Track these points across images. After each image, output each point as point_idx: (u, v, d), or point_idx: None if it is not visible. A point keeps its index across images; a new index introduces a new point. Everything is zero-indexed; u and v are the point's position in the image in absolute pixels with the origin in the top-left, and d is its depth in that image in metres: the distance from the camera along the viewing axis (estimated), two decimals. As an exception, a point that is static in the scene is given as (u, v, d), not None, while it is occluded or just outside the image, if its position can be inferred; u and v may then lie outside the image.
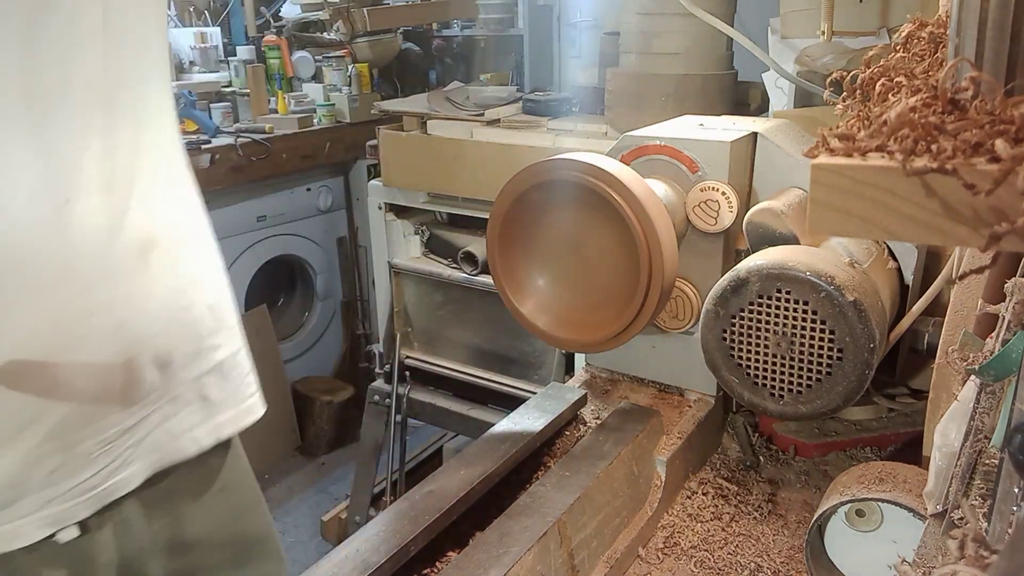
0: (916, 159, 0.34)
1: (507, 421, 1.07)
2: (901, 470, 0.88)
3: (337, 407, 3.37)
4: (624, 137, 1.13)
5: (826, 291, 0.85)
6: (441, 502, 0.87)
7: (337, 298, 3.58)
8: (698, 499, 1.09)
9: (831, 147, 0.38)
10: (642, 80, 2.01)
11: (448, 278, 2.53)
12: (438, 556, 0.89)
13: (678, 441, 1.08)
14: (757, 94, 2.24)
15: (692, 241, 1.11)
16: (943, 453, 0.74)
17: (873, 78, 0.52)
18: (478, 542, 0.83)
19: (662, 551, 1.00)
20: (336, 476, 3.25)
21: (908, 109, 0.37)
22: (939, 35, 0.59)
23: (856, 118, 0.46)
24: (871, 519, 0.88)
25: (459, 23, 3.90)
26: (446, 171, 2.41)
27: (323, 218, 3.41)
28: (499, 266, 1.05)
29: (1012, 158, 0.32)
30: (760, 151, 1.10)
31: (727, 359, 0.94)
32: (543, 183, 0.99)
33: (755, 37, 1.60)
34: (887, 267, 1.04)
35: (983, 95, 0.37)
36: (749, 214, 1.03)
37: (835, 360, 0.87)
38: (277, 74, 3.44)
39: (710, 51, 1.98)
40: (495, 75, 3.09)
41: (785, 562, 0.98)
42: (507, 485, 1.02)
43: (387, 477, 2.64)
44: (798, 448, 1.20)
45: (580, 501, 0.91)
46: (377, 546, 0.80)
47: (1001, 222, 0.32)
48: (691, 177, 1.08)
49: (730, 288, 0.91)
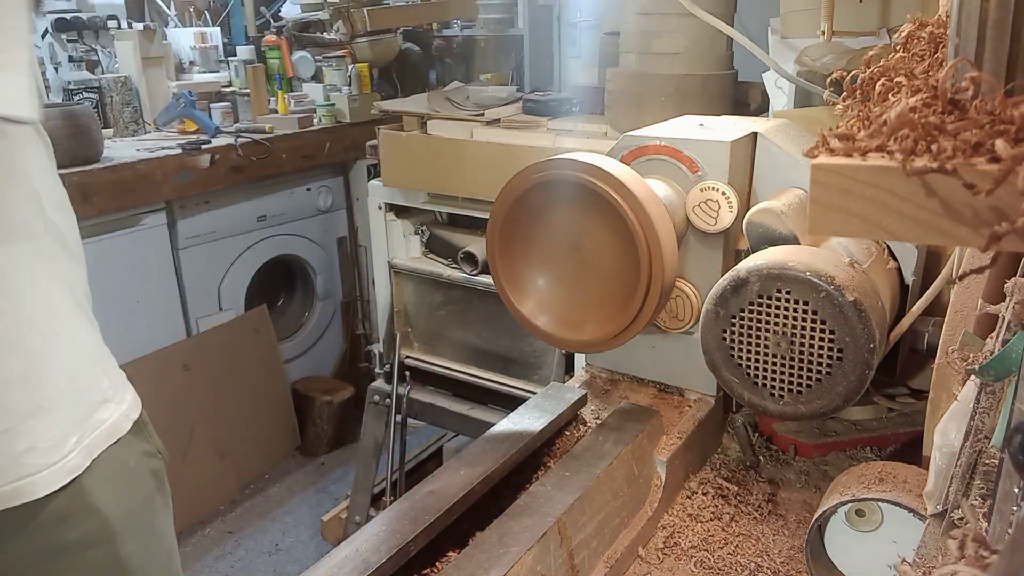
0: (916, 159, 0.34)
1: (507, 421, 1.07)
2: (901, 470, 0.88)
3: (337, 407, 3.37)
4: (624, 137, 1.13)
5: (826, 291, 0.85)
6: (441, 502, 0.87)
7: (337, 298, 3.58)
8: (698, 499, 1.09)
9: (831, 147, 0.38)
10: (642, 80, 2.01)
11: (448, 278, 2.53)
12: (438, 556, 0.89)
13: (678, 441, 1.08)
14: (757, 94, 2.23)
15: (692, 241, 1.11)
16: (943, 453, 0.74)
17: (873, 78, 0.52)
18: (478, 542, 0.83)
19: (662, 551, 1.00)
20: (336, 476, 3.25)
21: (908, 109, 0.37)
22: (939, 35, 0.59)
23: (856, 118, 0.46)
24: (871, 519, 0.88)
25: (459, 23, 3.89)
26: (446, 171, 2.41)
27: (323, 218, 3.41)
28: (499, 266, 1.05)
29: (1012, 158, 0.32)
30: (760, 151, 1.10)
31: (727, 359, 0.94)
32: (543, 183, 0.99)
33: (755, 37, 1.60)
34: (887, 267, 1.04)
35: (983, 95, 0.37)
36: (749, 214, 1.03)
37: (835, 360, 0.87)
38: (277, 74, 3.44)
39: (710, 51, 1.98)
40: (495, 75, 3.09)
41: (785, 562, 0.98)
42: (507, 485, 1.02)
43: (387, 477, 2.64)
44: (798, 448, 1.20)
45: (580, 501, 0.91)
46: (377, 546, 0.80)
47: (1001, 222, 0.32)
48: (691, 177, 1.08)
49: (730, 288, 0.91)
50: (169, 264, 2.83)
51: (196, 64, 3.42)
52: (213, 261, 3.00)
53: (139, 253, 2.71)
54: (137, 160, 2.61)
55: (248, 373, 3.10)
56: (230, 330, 3.04)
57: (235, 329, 3.07)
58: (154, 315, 2.79)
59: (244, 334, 3.10)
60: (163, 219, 2.77)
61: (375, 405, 2.64)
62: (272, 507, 3.05)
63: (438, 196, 2.53)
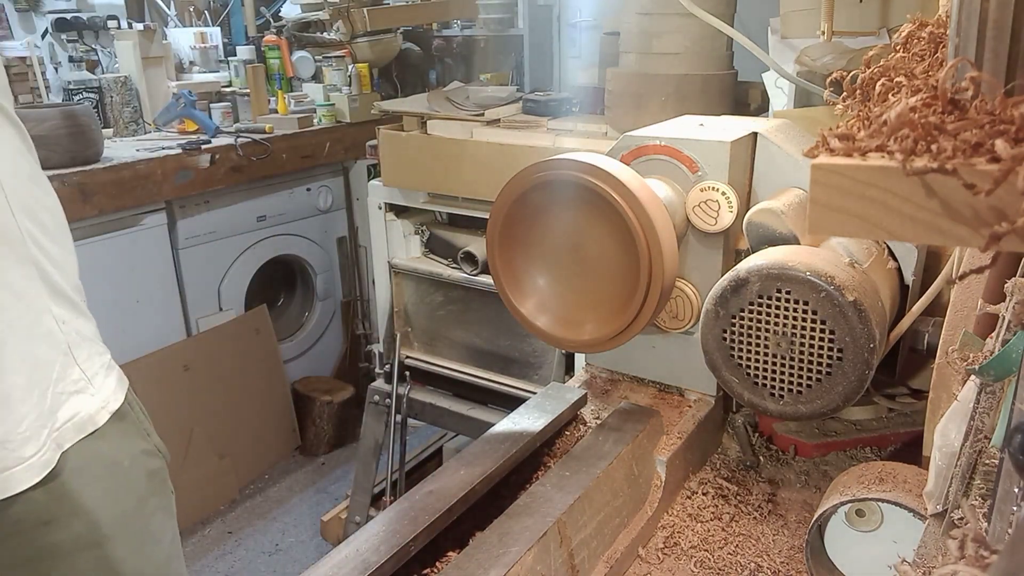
0: (916, 159, 0.34)
1: (507, 421, 1.07)
2: (901, 470, 0.88)
3: (337, 407, 3.37)
4: (624, 137, 1.13)
5: (826, 291, 0.85)
6: (441, 502, 0.87)
7: (337, 298, 3.58)
8: (698, 499, 1.09)
9: (831, 147, 0.38)
10: (642, 80, 2.01)
11: (448, 278, 2.53)
12: (438, 556, 0.89)
13: (678, 441, 1.08)
14: (757, 94, 2.24)
15: (692, 241, 1.11)
16: (943, 453, 0.74)
17: (873, 78, 0.52)
18: (478, 542, 0.83)
19: (662, 551, 1.00)
20: (336, 476, 3.25)
21: (908, 109, 0.37)
22: (939, 35, 0.59)
23: (856, 118, 0.46)
24: (871, 519, 0.88)
25: (459, 23, 3.89)
26: (446, 171, 2.41)
27: (323, 218, 3.41)
28: (499, 266, 1.05)
29: (1012, 158, 0.32)
30: (760, 151, 1.10)
31: (727, 359, 0.94)
32: (543, 183, 0.99)
33: (755, 37, 1.60)
34: (887, 267, 1.04)
35: (983, 95, 0.37)
36: (749, 214, 1.03)
37: (835, 360, 0.87)
38: (277, 74, 3.44)
39: (710, 51, 1.98)
40: (495, 75, 3.08)
41: (785, 562, 0.98)
42: (507, 485, 1.02)
43: (387, 477, 2.64)
44: (798, 448, 1.20)
45: (580, 501, 0.90)
46: (377, 546, 0.80)
47: (1001, 222, 0.32)
48: (691, 177, 1.07)
49: (730, 288, 0.91)
50: (169, 264, 2.83)
51: (196, 64, 3.42)
52: (213, 261, 3.00)
53: (139, 253, 2.71)
54: (137, 160, 2.61)
55: (248, 373, 3.10)
56: (230, 330, 3.04)
57: (235, 329, 3.07)
58: (154, 315, 2.79)
59: (244, 334, 3.10)
60: (163, 219, 2.77)
61: (375, 405, 2.64)
62: (272, 507, 3.05)
63: (438, 196, 2.53)
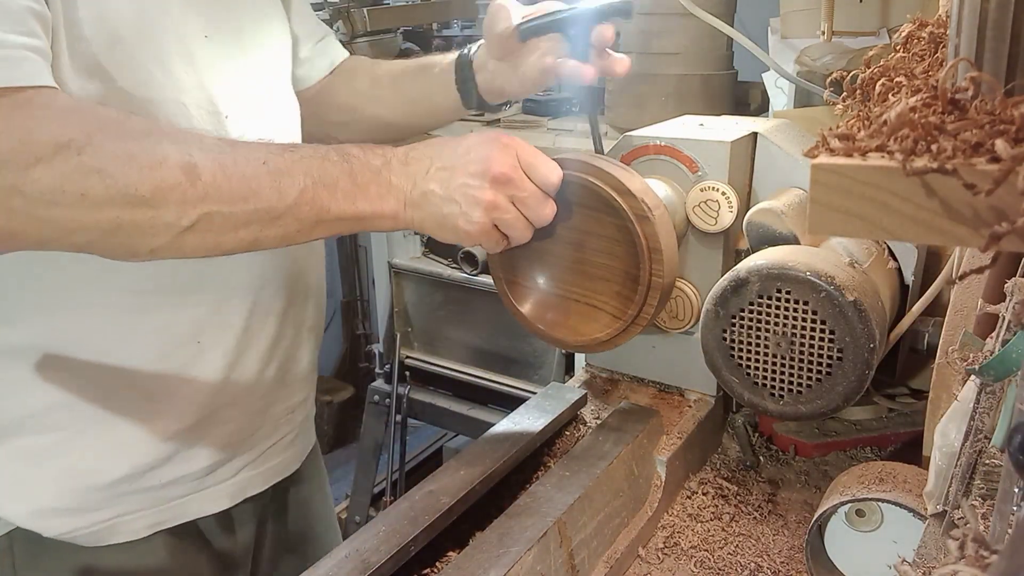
0: (916, 159, 0.34)
1: (507, 421, 1.07)
2: (901, 470, 0.88)
3: (337, 407, 3.37)
4: (624, 137, 1.13)
5: (826, 291, 0.85)
6: (441, 502, 0.87)
7: (337, 298, 3.58)
8: (698, 499, 1.09)
9: (831, 147, 0.38)
10: (642, 80, 2.01)
11: (448, 278, 2.53)
12: (438, 556, 0.89)
13: (678, 441, 1.08)
14: (757, 94, 2.24)
15: (692, 241, 1.11)
16: (943, 453, 0.74)
17: (873, 78, 0.52)
18: (478, 542, 0.83)
19: (662, 551, 1.00)
20: (336, 476, 3.25)
21: (908, 109, 0.37)
22: (939, 35, 0.59)
23: (856, 118, 0.46)
24: (871, 519, 0.88)
25: (459, 23, 3.89)
26: (446, 171, 2.40)
27: (323, 218, 3.40)
28: (499, 266, 1.05)
29: (1012, 158, 0.32)
30: (760, 151, 1.10)
31: (727, 359, 0.94)
32: (543, 183, 0.98)
33: (755, 37, 1.60)
34: (887, 267, 1.04)
35: (983, 95, 0.37)
36: (749, 214, 1.03)
37: (835, 360, 0.87)
38: (277, 74, 3.43)
39: (710, 51, 1.98)
40: (495, 75, 3.08)
41: (785, 562, 0.98)
42: (507, 485, 1.02)
43: (387, 477, 2.64)
44: (798, 448, 1.20)
45: (580, 501, 0.90)
46: (377, 546, 0.80)
47: (1001, 222, 0.32)
48: (691, 177, 1.07)
49: (730, 288, 0.91)
50: (169, 264, 2.82)
51: (196, 64, 3.41)
52: (213, 261, 2.99)
53: (139, 253, 2.70)
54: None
55: (248, 373, 3.09)
56: (230, 330, 3.04)
57: (235, 329, 3.06)
58: (154, 315, 2.78)
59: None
60: (163, 219, 2.76)
61: (375, 405, 2.64)
62: (272, 507, 3.05)
63: (438, 196, 2.53)
